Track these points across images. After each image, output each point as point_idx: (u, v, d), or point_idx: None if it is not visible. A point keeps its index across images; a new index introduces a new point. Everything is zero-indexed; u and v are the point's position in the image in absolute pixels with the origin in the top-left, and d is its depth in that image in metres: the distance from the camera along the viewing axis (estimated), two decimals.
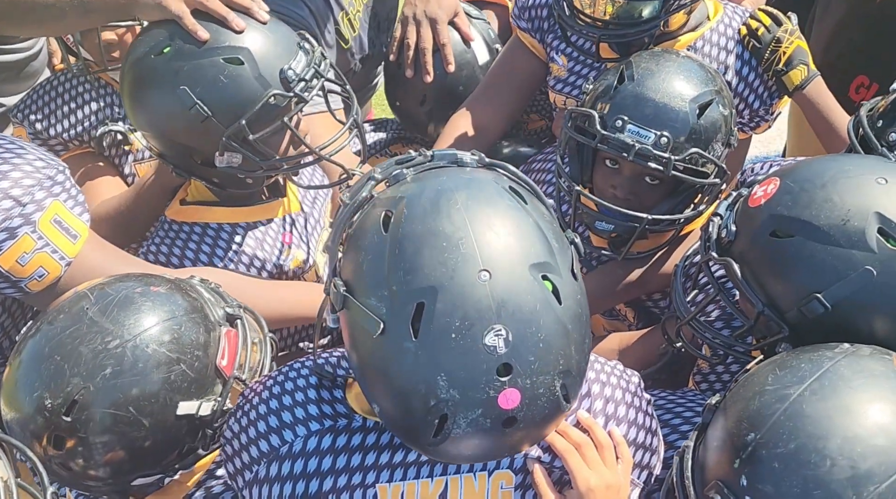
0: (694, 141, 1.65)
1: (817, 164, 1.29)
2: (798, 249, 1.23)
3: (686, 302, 1.49)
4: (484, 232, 1.09)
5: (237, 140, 1.67)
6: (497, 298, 1.06)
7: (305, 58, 1.71)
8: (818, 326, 1.23)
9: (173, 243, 1.81)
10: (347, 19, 2.30)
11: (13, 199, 1.45)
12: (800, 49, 1.90)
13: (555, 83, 2.07)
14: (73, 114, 2.06)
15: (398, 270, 1.08)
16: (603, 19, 1.83)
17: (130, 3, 1.71)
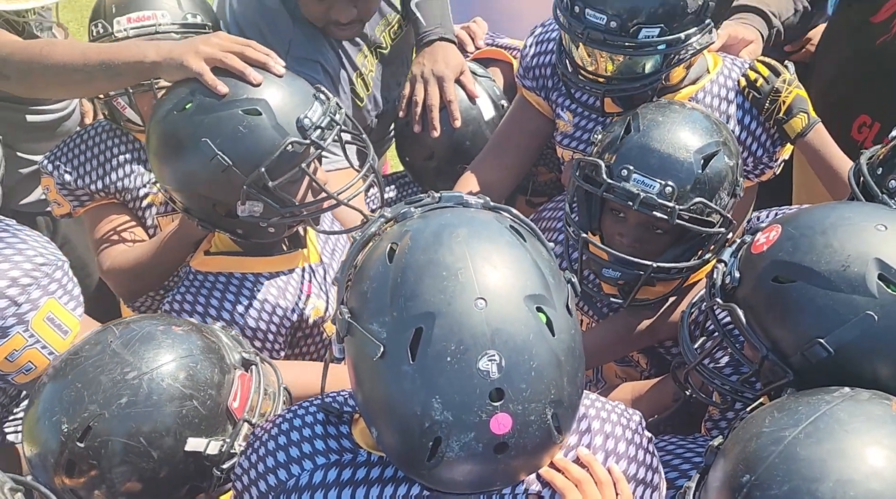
0: (698, 191, 1.68)
1: (818, 211, 1.32)
2: (800, 295, 1.25)
3: (693, 348, 1.51)
4: (482, 264, 1.15)
5: (257, 188, 1.72)
6: (492, 326, 1.11)
7: (321, 107, 1.77)
8: (822, 370, 1.25)
9: (198, 293, 1.86)
10: (361, 79, 2.38)
11: (9, 298, 1.50)
12: (799, 97, 1.94)
13: (561, 138, 2.12)
14: (102, 166, 2.15)
15: (400, 296, 1.14)
16: (605, 75, 1.88)
17: (154, 66, 1.79)
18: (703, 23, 1.82)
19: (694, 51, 1.85)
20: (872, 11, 2.34)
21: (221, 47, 1.76)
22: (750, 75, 1.96)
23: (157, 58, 1.78)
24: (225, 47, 1.76)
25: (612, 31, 1.78)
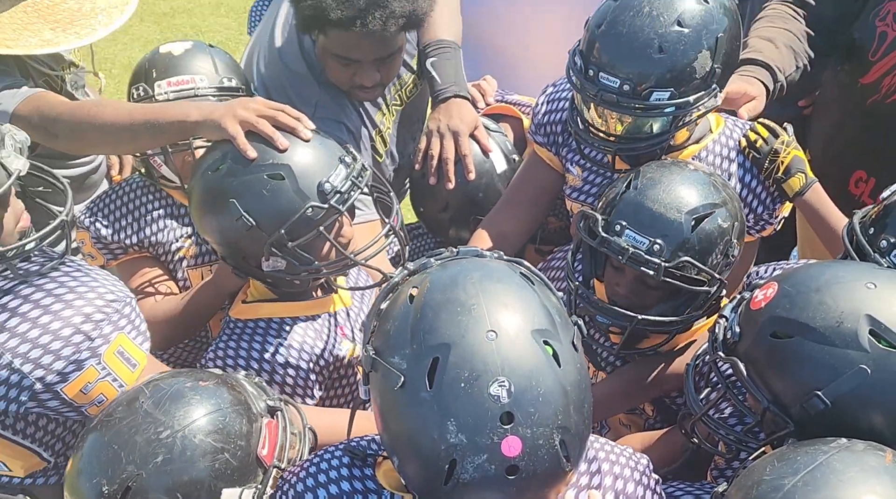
0: (686, 250, 1.75)
1: (812, 269, 1.40)
2: (797, 349, 1.32)
3: (699, 399, 1.58)
4: (493, 301, 1.26)
5: (279, 247, 1.82)
6: (502, 355, 1.21)
7: (345, 170, 1.87)
8: (821, 421, 1.31)
9: (240, 339, 1.94)
10: (380, 136, 2.47)
11: (84, 333, 1.56)
12: (797, 158, 2.02)
13: (570, 192, 2.20)
14: (137, 222, 2.23)
15: (419, 331, 1.25)
16: (615, 134, 1.96)
17: (196, 125, 1.89)
18: (709, 87, 1.89)
19: (700, 113, 1.92)
20: (861, 73, 2.43)
21: (257, 111, 1.86)
22: (750, 136, 2.04)
23: (198, 118, 1.88)
24: (260, 112, 1.86)
25: (624, 93, 1.85)
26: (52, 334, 1.55)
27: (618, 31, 1.84)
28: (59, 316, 1.56)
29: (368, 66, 2.23)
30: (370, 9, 2.09)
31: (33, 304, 1.57)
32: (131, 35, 6.26)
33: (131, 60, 5.92)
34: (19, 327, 1.55)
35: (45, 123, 1.99)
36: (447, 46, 2.47)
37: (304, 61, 2.35)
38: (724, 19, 1.87)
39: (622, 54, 1.84)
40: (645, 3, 1.85)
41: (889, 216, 1.65)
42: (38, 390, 1.55)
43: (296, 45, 2.36)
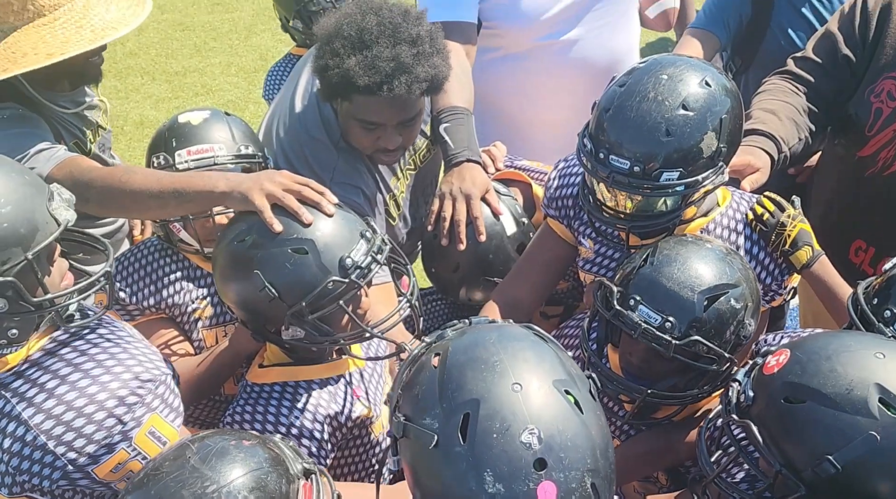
0: (697, 329, 1.78)
1: (822, 338, 1.45)
2: (809, 414, 1.37)
3: (711, 462, 1.61)
4: (513, 357, 1.33)
5: (299, 318, 1.87)
6: (528, 405, 1.27)
7: (366, 246, 1.91)
8: (832, 485, 1.35)
9: (256, 403, 1.98)
10: (394, 200, 2.53)
11: (116, 417, 1.58)
12: (803, 231, 2.06)
13: (583, 264, 2.24)
14: (154, 284, 2.27)
15: (447, 390, 1.31)
16: (626, 212, 2.01)
17: (223, 196, 1.94)
18: (716, 165, 1.94)
19: (708, 190, 1.97)
20: (859, 146, 2.49)
21: (282, 186, 1.90)
22: (757, 210, 2.09)
23: (225, 189, 1.93)
24: (285, 186, 1.91)
25: (635, 175, 1.90)
26: (85, 418, 1.56)
27: (626, 116, 1.90)
28: (93, 399, 1.57)
29: (392, 130, 2.30)
30: (396, 74, 2.17)
31: (69, 385, 1.58)
32: (143, 93, 6.39)
33: (143, 118, 6.05)
34: (54, 409, 1.56)
35: (77, 188, 2.01)
36: (460, 113, 2.54)
37: (324, 128, 2.41)
38: (727, 100, 1.93)
39: (631, 137, 1.90)
40: (650, 88, 1.91)
41: (892, 287, 1.71)
42: (70, 471, 1.57)
43: (315, 112, 2.43)
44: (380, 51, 2.17)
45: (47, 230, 1.59)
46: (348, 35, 2.19)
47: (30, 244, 1.56)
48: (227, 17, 7.48)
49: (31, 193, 1.59)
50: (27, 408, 1.57)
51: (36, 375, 1.60)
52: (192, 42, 7.10)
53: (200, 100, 6.27)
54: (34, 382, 1.59)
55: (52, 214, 1.60)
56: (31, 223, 1.56)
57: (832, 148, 2.65)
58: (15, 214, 1.54)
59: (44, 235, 1.58)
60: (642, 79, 1.94)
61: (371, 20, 2.20)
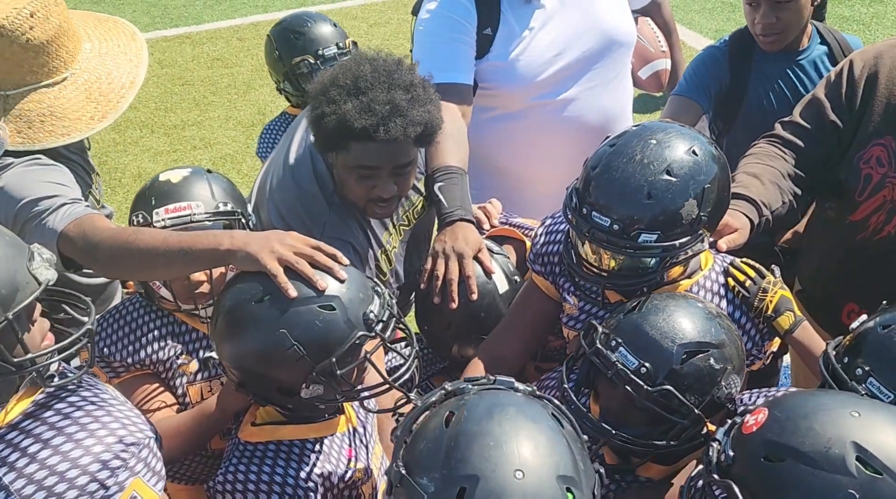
0: (671, 380, 1.80)
1: (798, 397, 1.48)
2: (789, 473, 1.39)
3: None
4: (524, 441, 1.32)
5: (324, 375, 1.87)
6: (526, 494, 1.26)
7: (379, 300, 1.95)
8: None
9: (250, 463, 1.97)
10: (385, 255, 2.55)
11: (98, 482, 1.55)
12: (784, 298, 2.10)
13: (567, 320, 2.28)
14: (138, 340, 2.28)
15: (451, 458, 1.32)
16: (606, 270, 2.05)
17: (228, 254, 1.95)
18: (696, 232, 1.99)
19: (688, 256, 2.03)
20: (850, 211, 2.54)
21: (294, 249, 1.91)
22: (737, 276, 2.13)
23: (231, 247, 1.93)
24: (297, 249, 1.91)
25: (614, 232, 1.95)
26: (67, 482, 1.54)
27: (611, 176, 1.96)
28: (76, 464, 1.55)
29: (387, 177, 2.33)
30: (391, 117, 2.22)
31: (52, 449, 1.56)
32: (142, 146, 6.46)
33: (141, 171, 6.11)
34: (36, 474, 1.54)
35: (87, 247, 2.05)
36: (454, 172, 2.59)
37: (317, 182, 2.45)
38: (713, 169, 1.99)
39: (613, 197, 1.95)
40: (638, 151, 1.97)
41: (861, 345, 1.75)
42: None
43: (309, 167, 2.48)
44: (375, 95, 2.23)
45: (28, 290, 1.60)
46: (344, 83, 2.26)
47: (10, 304, 1.56)
48: (227, 72, 7.60)
49: (11, 253, 1.61)
50: (8, 473, 1.55)
51: (17, 439, 1.58)
52: (191, 96, 7.20)
53: (199, 153, 6.33)
54: (15, 446, 1.57)
55: (32, 274, 1.61)
56: (11, 284, 1.57)
57: (822, 212, 2.69)
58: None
59: (24, 295, 1.59)
60: (632, 141, 2.00)
61: (366, 68, 2.27)
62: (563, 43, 2.97)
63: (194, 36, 8.30)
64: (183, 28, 8.49)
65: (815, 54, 3.00)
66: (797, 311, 2.12)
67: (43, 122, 2.24)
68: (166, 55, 7.88)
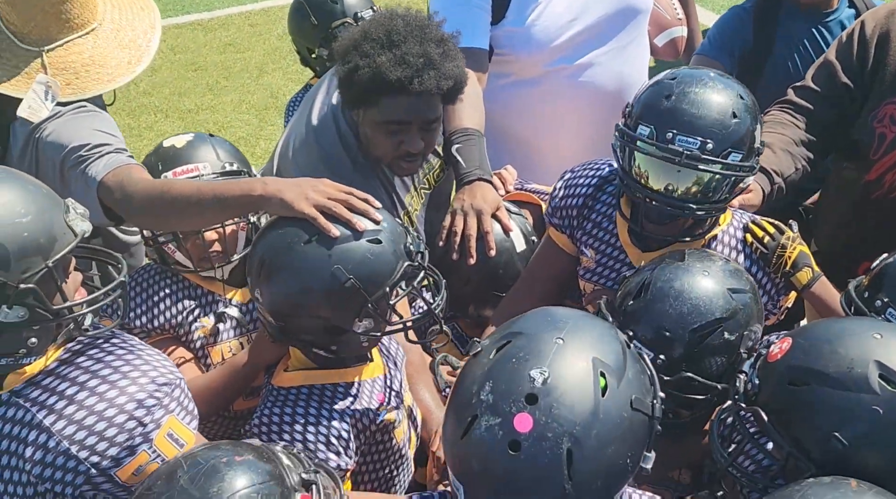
0: (687, 366, 1.82)
1: (822, 325, 1.53)
2: (814, 395, 1.42)
3: (723, 450, 1.64)
4: (580, 323, 1.43)
5: (378, 306, 1.92)
6: (557, 355, 1.36)
7: (410, 237, 2.01)
8: (840, 462, 1.40)
9: (284, 405, 2.00)
10: (408, 217, 2.59)
11: (136, 420, 1.61)
12: (803, 253, 2.13)
13: (584, 273, 2.31)
14: (157, 306, 2.33)
15: (510, 324, 1.48)
16: (683, 196, 2.05)
17: (260, 200, 1.96)
18: (758, 159, 2.07)
19: (741, 189, 2.09)
20: (865, 171, 2.57)
21: (327, 195, 1.93)
22: (756, 232, 2.15)
23: (264, 193, 1.95)
24: (331, 195, 1.94)
25: (707, 151, 1.98)
26: (106, 421, 1.59)
27: (693, 99, 2.01)
28: (113, 403, 1.60)
29: (415, 132, 2.36)
30: (426, 69, 2.27)
31: (89, 391, 1.61)
32: (156, 131, 6.50)
33: None
34: (75, 414, 1.58)
35: (123, 197, 2.09)
36: (472, 134, 2.62)
37: (341, 143, 2.49)
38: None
39: (703, 118, 1.99)
40: (707, 79, 2.04)
41: (880, 279, 1.81)
42: (93, 475, 1.60)
43: (332, 129, 2.51)
44: (409, 48, 2.27)
45: (65, 240, 1.64)
46: (377, 37, 2.30)
47: (49, 253, 1.60)
48: (239, 57, 7.63)
49: (48, 205, 1.65)
50: (48, 415, 1.60)
51: (55, 383, 1.63)
52: (204, 81, 7.24)
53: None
54: (53, 390, 1.62)
55: (69, 225, 1.65)
56: (50, 233, 1.61)
57: (839, 173, 2.72)
58: (35, 224, 1.59)
59: (62, 245, 1.63)
60: (691, 75, 2.07)
61: (398, 22, 2.31)
62: (578, 8, 2.98)
63: (206, 22, 8.34)
64: (195, 15, 8.52)
65: (843, 16, 3.00)
66: (815, 266, 2.14)
67: (88, 71, 2.31)
68: (179, 41, 7.91)
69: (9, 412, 1.63)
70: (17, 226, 1.57)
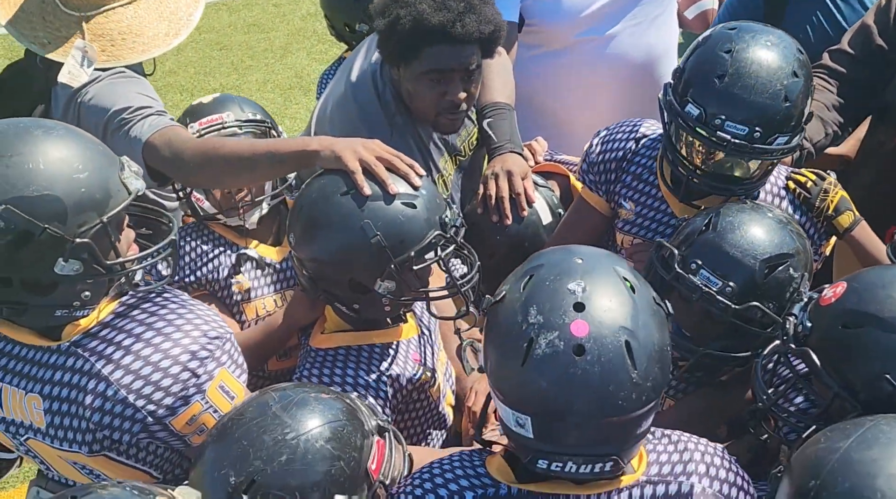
0: (756, 296, 1.83)
1: (877, 271, 1.55)
2: (867, 338, 1.44)
3: (766, 390, 1.66)
4: (589, 251, 1.51)
5: (401, 269, 1.93)
6: (584, 268, 1.44)
7: (450, 211, 2.02)
8: (887, 404, 1.41)
9: (322, 366, 2.04)
10: (442, 181, 2.61)
11: (190, 371, 1.65)
12: (843, 198, 2.15)
13: (622, 225, 2.32)
14: (194, 262, 2.39)
15: (525, 264, 1.52)
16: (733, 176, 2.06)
17: (313, 155, 2.00)
18: (805, 127, 2.04)
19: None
20: (894, 134, 2.56)
21: (374, 153, 1.97)
22: (799, 179, 2.16)
23: (317, 147, 1.99)
24: (377, 154, 1.97)
25: (755, 140, 1.95)
26: (162, 372, 1.63)
27: (746, 83, 1.94)
28: (168, 354, 1.64)
29: (457, 82, 2.39)
30: (466, 13, 2.31)
31: (144, 342, 1.65)
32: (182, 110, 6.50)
33: None
34: (132, 364, 1.63)
35: (173, 156, 2.12)
36: (502, 108, 2.64)
37: (379, 103, 2.51)
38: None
39: (755, 106, 1.95)
40: (762, 55, 1.97)
41: None
42: (149, 423, 1.65)
43: (370, 87, 2.53)
44: None
45: (119, 197, 1.67)
46: None
47: (104, 209, 1.64)
48: (263, 37, 7.66)
49: (104, 162, 1.68)
50: (106, 365, 1.64)
51: (111, 335, 1.68)
52: (229, 61, 7.27)
53: None
54: (110, 341, 1.67)
55: (123, 183, 1.69)
56: (105, 190, 1.65)
57: (872, 136, 2.72)
58: (91, 180, 1.63)
59: (116, 202, 1.66)
60: (749, 44, 1.98)
61: None
62: None
63: (230, 3, 8.36)
64: None
65: None
66: (856, 211, 2.15)
67: (124, 40, 2.35)
68: (204, 21, 7.80)
69: (69, 362, 1.67)
70: (74, 181, 1.61)
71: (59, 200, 1.58)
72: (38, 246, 1.58)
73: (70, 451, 1.71)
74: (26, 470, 3.29)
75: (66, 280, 1.63)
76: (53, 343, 1.69)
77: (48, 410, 1.68)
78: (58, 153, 1.62)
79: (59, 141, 1.64)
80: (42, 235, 1.57)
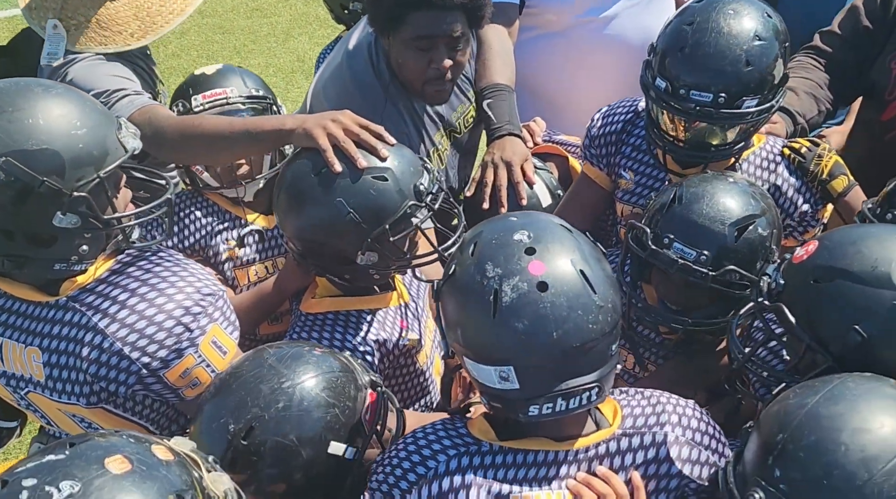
0: (731, 259, 1.88)
1: (847, 229, 1.59)
2: (837, 291, 1.49)
3: (741, 345, 1.71)
4: (519, 210, 1.58)
5: (379, 242, 1.97)
6: (521, 223, 1.53)
7: (428, 175, 2.05)
8: (858, 355, 1.46)
9: (312, 330, 2.09)
10: (437, 154, 2.64)
11: (184, 325, 1.70)
12: (838, 163, 2.19)
13: (622, 195, 2.37)
14: (187, 228, 2.44)
15: (469, 235, 1.59)
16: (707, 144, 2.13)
17: (289, 134, 2.04)
18: (782, 90, 2.07)
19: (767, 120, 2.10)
20: (880, 111, 2.61)
21: (342, 126, 2.00)
22: (794, 145, 2.21)
23: (293, 126, 2.03)
24: (346, 127, 2.00)
25: (720, 105, 2.01)
26: (156, 325, 1.68)
27: (705, 52, 2.01)
28: (162, 309, 1.69)
29: (443, 50, 2.40)
30: None
31: (140, 297, 1.70)
32: None
33: None
34: (128, 318, 1.68)
35: (154, 134, 2.14)
36: (502, 89, 2.68)
37: (374, 73, 2.54)
38: (784, 29, 2.08)
39: (714, 71, 2.00)
40: (721, 23, 2.02)
41: (892, 196, 1.86)
42: (144, 375, 1.70)
43: (365, 55, 2.56)
44: None
45: (116, 155, 1.72)
46: None
47: (101, 165, 1.69)
48: (265, 21, 7.70)
49: (102, 120, 1.73)
50: (102, 318, 1.69)
51: (107, 290, 1.73)
52: (231, 45, 7.31)
53: None
54: (106, 296, 1.72)
55: (120, 142, 1.73)
56: (102, 146, 1.70)
57: (861, 114, 2.77)
58: (89, 136, 1.67)
59: (113, 159, 1.71)
60: (709, 14, 2.04)
61: None
62: None
63: None
64: None
65: None
66: (850, 175, 2.19)
67: (87, 28, 2.36)
68: (206, 5, 7.92)
69: (66, 316, 1.72)
70: (73, 137, 1.66)
71: (57, 155, 1.63)
72: (38, 199, 1.63)
73: (69, 403, 1.76)
74: (27, 442, 3.35)
75: (64, 233, 1.68)
76: (52, 298, 1.74)
77: (47, 362, 1.73)
78: (58, 110, 1.66)
79: (59, 98, 1.69)
80: (41, 187, 1.62)
